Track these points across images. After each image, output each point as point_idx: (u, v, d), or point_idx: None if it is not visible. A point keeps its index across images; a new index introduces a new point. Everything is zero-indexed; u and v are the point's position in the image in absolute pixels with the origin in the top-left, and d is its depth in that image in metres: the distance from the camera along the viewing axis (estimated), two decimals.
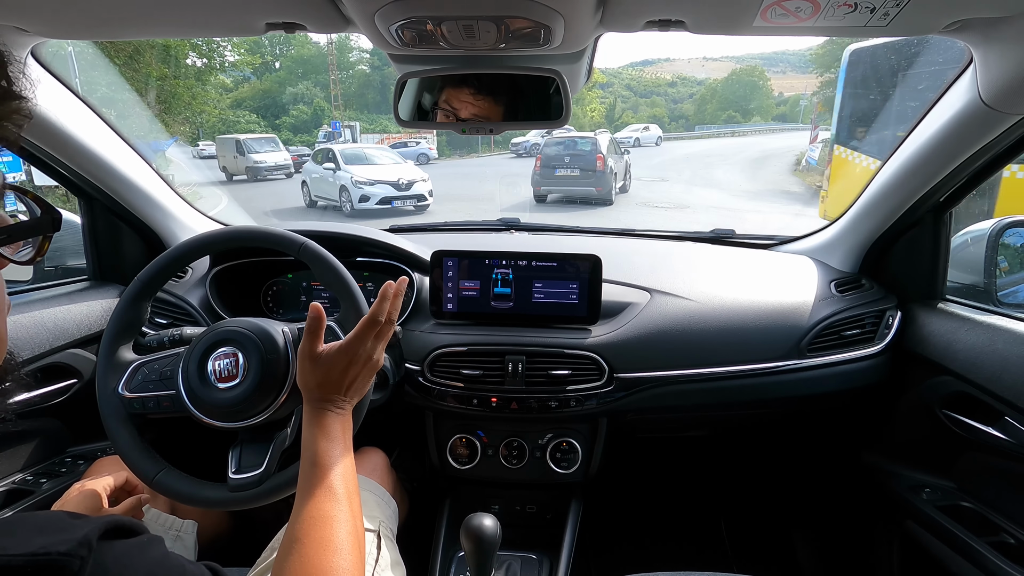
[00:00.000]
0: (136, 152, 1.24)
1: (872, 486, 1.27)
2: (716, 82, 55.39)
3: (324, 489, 0.61)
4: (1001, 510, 0.99)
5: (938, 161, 1.02)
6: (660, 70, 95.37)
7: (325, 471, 0.63)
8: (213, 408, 0.80)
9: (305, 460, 0.65)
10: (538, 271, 1.16)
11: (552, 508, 1.27)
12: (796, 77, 75.20)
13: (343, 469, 0.65)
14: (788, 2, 0.68)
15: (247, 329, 0.81)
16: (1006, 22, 0.72)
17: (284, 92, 38.83)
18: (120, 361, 0.86)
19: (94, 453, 1.22)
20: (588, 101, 40.25)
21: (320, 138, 24.28)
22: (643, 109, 54.62)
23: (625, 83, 76.02)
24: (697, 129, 39.67)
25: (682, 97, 69.00)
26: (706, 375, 1.13)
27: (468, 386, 1.12)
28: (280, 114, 36.98)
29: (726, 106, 47.31)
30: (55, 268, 1.38)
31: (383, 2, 0.66)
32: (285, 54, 45.62)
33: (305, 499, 0.61)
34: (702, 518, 1.66)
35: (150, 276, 0.88)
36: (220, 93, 33.49)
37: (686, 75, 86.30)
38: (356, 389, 0.72)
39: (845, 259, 1.32)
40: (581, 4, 0.68)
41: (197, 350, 0.81)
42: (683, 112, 56.37)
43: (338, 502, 0.61)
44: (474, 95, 0.93)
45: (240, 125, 29.28)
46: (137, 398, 0.83)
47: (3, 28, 0.81)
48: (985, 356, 0.98)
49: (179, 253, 0.89)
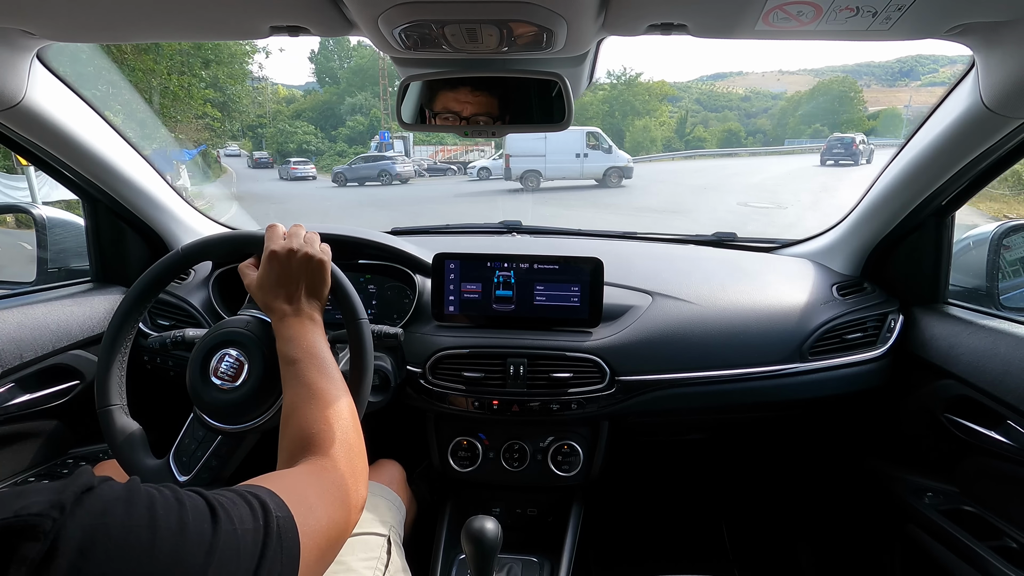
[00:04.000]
0: (139, 155, 1.25)
1: (874, 490, 1.26)
2: (800, 94, 52.66)
3: (297, 376, 0.68)
4: (1003, 514, 0.98)
5: (940, 165, 1.02)
6: (732, 84, 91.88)
7: (295, 363, 0.69)
8: (217, 409, 0.80)
9: (281, 362, 0.71)
10: (540, 274, 1.16)
11: (553, 511, 1.27)
12: (881, 90, 71.98)
13: (315, 360, 0.69)
14: (790, 6, 0.68)
15: (248, 329, 0.81)
16: (1008, 26, 0.73)
17: (343, 103, 37.98)
18: (155, 469, 0.82)
19: (96, 455, 1.22)
20: (658, 115, 38.67)
21: (372, 150, 23.68)
22: (714, 124, 51.36)
23: (695, 97, 72.72)
24: (787, 143, 37.36)
25: (756, 111, 65.65)
26: (708, 378, 1.12)
27: (469, 389, 1.12)
28: (337, 125, 36.21)
29: (811, 120, 44.62)
30: (58, 270, 1.39)
31: (386, 6, 0.67)
32: (347, 66, 44.40)
33: (286, 389, 0.68)
34: (703, 521, 1.65)
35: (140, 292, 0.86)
36: (282, 104, 33.56)
37: (760, 89, 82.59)
38: (308, 288, 0.76)
39: (847, 262, 1.32)
40: (583, 8, 0.68)
41: (199, 354, 0.81)
42: (759, 127, 53.67)
43: (321, 377, 0.67)
44: (473, 93, 0.93)
45: (297, 136, 29.89)
46: (202, 467, 0.81)
47: (9, 31, 0.81)
48: (987, 360, 0.98)
49: (176, 259, 0.87)
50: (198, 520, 0.38)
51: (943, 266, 1.19)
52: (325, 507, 0.51)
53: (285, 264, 0.75)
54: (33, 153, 1.10)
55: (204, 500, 0.40)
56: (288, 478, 0.54)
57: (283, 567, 0.42)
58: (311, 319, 0.75)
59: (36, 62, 0.94)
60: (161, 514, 0.37)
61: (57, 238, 1.39)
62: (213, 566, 0.37)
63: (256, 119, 30.31)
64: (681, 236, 1.60)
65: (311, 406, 0.64)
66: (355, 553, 0.87)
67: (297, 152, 26.91)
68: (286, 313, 0.74)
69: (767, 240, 1.55)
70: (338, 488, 0.56)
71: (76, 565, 0.32)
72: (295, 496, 0.47)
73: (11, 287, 1.35)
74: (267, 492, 0.45)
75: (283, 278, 0.75)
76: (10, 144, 1.07)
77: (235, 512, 0.41)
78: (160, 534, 0.36)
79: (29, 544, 0.31)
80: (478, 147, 18.96)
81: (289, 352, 0.70)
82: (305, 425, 0.62)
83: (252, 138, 30.70)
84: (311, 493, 0.51)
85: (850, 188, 11.03)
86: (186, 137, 13.87)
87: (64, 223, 1.42)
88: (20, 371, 1.07)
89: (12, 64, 0.89)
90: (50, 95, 0.99)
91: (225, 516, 0.40)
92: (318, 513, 0.49)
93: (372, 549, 0.90)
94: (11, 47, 0.86)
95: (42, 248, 1.37)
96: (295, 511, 0.46)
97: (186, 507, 0.39)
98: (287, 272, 0.75)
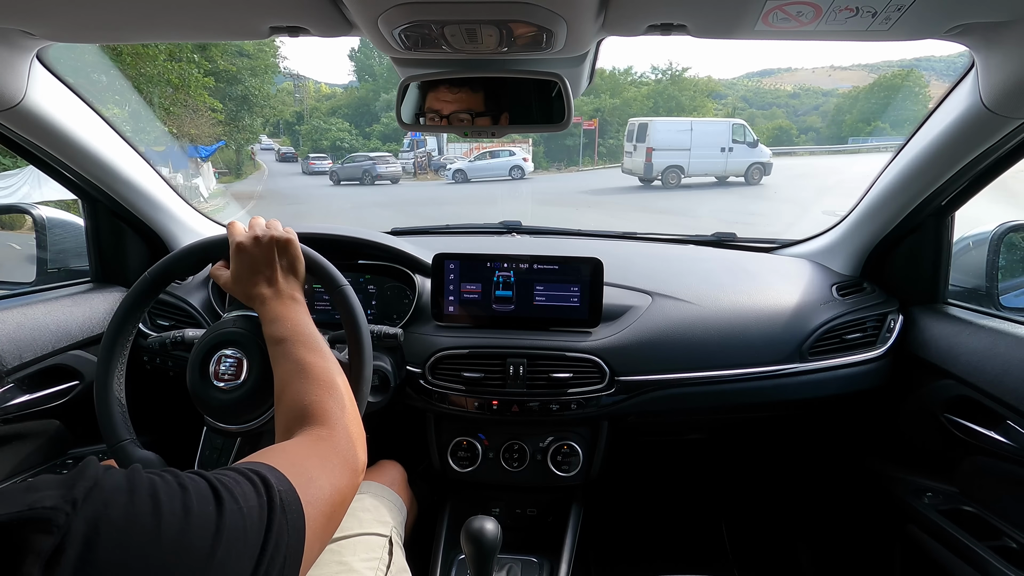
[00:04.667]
0: (139, 155, 1.25)
1: (874, 490, 1.26)
2: (858, 90, 47.90)
3: (286, 355, 0.68)
4: (1003, 514, 0.98)
5: (940, 165, 1.02)
6: (780, 80, 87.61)
7: (281, 343, 0.69)
8: (219, 410, 0.80)
9: (268, 343, 0.72)
10: (539, 274, 1.16)
11: (553, 511, 1.27)
12: (942, 86, 69.04)
13: (302, 336, 0.70)
14: (790, 6, 0.69)
15: (239, 327, 0.81)
16: (1007, 26, 0.73)
17: (378, 99, 36.51)
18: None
19: (96, 455, 1.22)
20: (703, 111, 35.68)
21: (404, 147, 22.94)
22: (760, 121, 47.25)
23: (741, 94, 68.85)
24: (851, 142, 33.99)
25: (806, 109, 61.63)
26: (707, 378, 1.12)
27: (469, 389, 1.12)
28: (372, 122, 35.05)
29: (870, 117, 40.94)
30: (58, 270, 1.38)
31: (386, 6, 0.67)
32: (384, 62, 43.34)
33: (276, 368, 0.69)
34: (703, 521, 1.65)
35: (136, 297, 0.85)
36: (322, 101, 33.27)
37: (809, 85, 77.68)
38: (283, 268, 0.77)
39: (847, 262, 1.32)
40: (583, 9, 0.68)
41: (199, 354, 0.81)
42: (810, 124, 49.93)
43: (309, 353, 0.67)
44: (474, 94, 0.93)
45: (331, 133, 29.69)
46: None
47: (9, 31, 0.81)
48: (987, 360, 0.98)
49: (144, 285, 0.85)
50: (202, 503, 0.39)
51: (943, 266, 1.19)
52: (327, 475, 0.52)
53: (254, 252, 0.76)
54: (33, 153, 1.10)
55: (207, 482, 0.41)
56: (287, 451, 0.54)
57: (290, 539, 0.42)
58: (292, 298, 0.75)
59: (36, 62, 0.94)
60: (164, 500, 0.37)
61: (56, 238, 1.39)
62: (221, 547, 0.37)
63: (294, 116, 30.46)
64: (681, 236, 1.60)
65: (302, 380, 0.64)
66: (357, 553, 0.87)
67: (331, 149, 26.45)
68: (267, 297, 0.74)
69: (767, 240, 1.55)
70: (337, 454, 0.56)
71: (83, 556, 0.32)
72: (295, 468, 0.48)
73: (11, 287, 1.35)
74: (267, 467, 0.45)
75: (256, 265, 0.76)
76: (10, 144, 1.07)
77: (238, 491, 0.41)
78: (165, 520, 0.36)
79: (42, 537, 0.31)
80: (516, 143, 17.03)
81: (275, 332, 0.71)
82: (298, 398, 0.62)
83: (290, 135, 30.55)
84: (311, 464, 0.52)
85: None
86: (200, 133, 13.71)
87: (64, 223, 1.42)
88: (20, 371, 1.07)
89: (12, 64, 0.89)
90: (50, 95, 0.99)
91: (229, 496, 0.40)
92: (320, 482, 0.50)
93: (373, 549, 0.90)
94: (11, 47, 0.86)
95: (42, 248, 1.36)
96: (296, 483, 0.46)
97: (189, 491, 0.39)
98: (258, 258, 0.76)
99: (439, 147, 21.99)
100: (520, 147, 17.22)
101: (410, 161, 20.82)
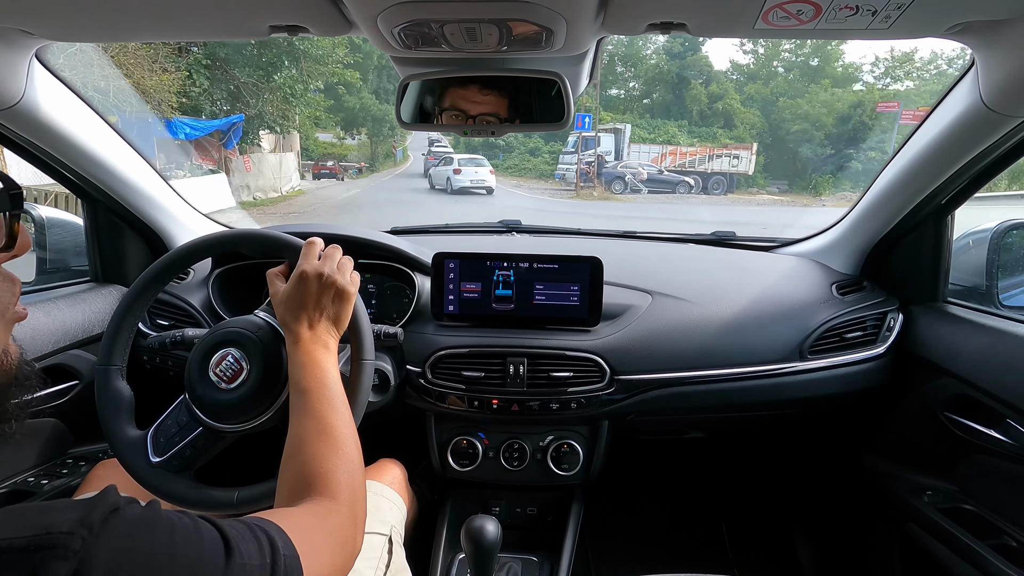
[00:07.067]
0: (138, 154, 1.25)
1: (873, 489, 1.26)
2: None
3: (307, 408, 0.67)
4: (1003, 513, 0.98)
5: (940, 163, 1.02)
6: None
7: (306, 394, 0.68)
8: (210, 408, 0.80)
9: (292, 389, 0.70)
10: (539, 273, 1.16)
11: (553, 510, 1.27)
12: None
13: (326, 392, 0.69)
14: (789, 5, 0.68)
15: (248, 329, 0.81)
16: (1008, 24, 0.73)
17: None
18: (132, 441, 0.82)
19: (96, 455, 1.22)
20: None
21: (568, 146, 20.09)
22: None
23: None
24: None
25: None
26: (707, 377, 1.12)
27: (469, 388, 1.12)
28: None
29: None
30: (57, 270, 1.38)
31: (385, 5, 0.67)
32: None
33: (295, 420, 0.67)
34: (703, 520, 1.65)
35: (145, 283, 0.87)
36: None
37: None
38: (329, 316, 0.76)
39: (847, 261, 1.32)
40: (583, 7, 0.68)
41: (199, 352, 0.81)
42: None
43: (332, 412, 0.66)
44: (483, 93, 0.93)
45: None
46: (175, 454, 0.81)
47: (8, 31, 0.81)
48: (987, 359, 0.98)
49: (180, 254, 0.88)
50: (213, 552, 0.40)
51: (943, 265, 1.19)
52: (328, 551, 0.52)
53: (312, 287, 0.74)
54: (32, 153, 1.10)
55: (219, 532, 0.41)
56: (295, 517, 0.54)
57: None
58: (325, 347, 0.74)
59: (35, 62, 0.94)
60: (180, 542, 0.38)
61: (55, 238, 1.39)
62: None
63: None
64: (681, 235, 1.60)
65: (321, 443, 0.63)
66: None
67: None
68: (302, 337, 0.73)
69: (766, 239, 1.55)
70: (341, 533, 0.55)
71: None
72: (301, 536, 0.48)
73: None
74: (275, 528, 0.46)
75: (308, 301, 0.74)
76: (9, 144, 1.06)
77: (244, 547, 0.42)
78: (178, 563, 0.37)
79: (59, 563, 0.32)
80: (728, 150, 13.11)
81: (300, 381, 0.69)
82: (313, 462, 0.61)
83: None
84: (317, 536, 0.51)
85: None
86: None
87: (63, 223, 1.41)
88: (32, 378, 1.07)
89: (11, 64, 0.89)
90: (49, 95, 0.99)
91: (237, 550, 0.41)
92: (322, 557, 0.50)
93: (373, 549, 0.90)
94: (10, 47, 0.86)
95: (40, 248, 1.36)
96: (301, 551, 0.46)
97: (203, 537, 0.40)
98: (313, 296, 0.74)
99: (616, 149, 16.16)
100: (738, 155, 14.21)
101: (572, 167, 16.15)
